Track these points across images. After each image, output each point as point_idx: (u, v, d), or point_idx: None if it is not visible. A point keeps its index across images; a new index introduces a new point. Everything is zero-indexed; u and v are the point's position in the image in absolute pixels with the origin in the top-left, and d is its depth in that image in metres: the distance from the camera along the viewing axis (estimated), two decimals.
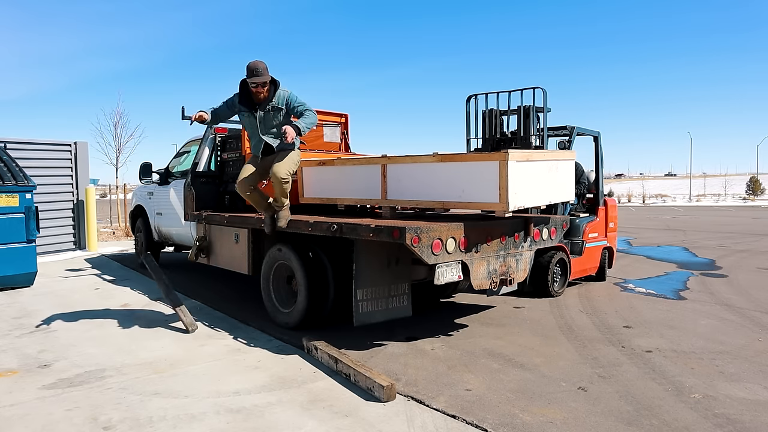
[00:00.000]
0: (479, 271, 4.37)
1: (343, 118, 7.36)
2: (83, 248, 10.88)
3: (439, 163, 4.42)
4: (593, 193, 7.28)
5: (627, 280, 7.72)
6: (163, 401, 3.36)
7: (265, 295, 5.31)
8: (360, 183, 5.05)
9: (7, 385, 3.64)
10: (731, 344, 4.65)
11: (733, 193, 50.71)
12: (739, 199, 45.49)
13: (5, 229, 6.79)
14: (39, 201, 7.72)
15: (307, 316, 4.85)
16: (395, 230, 3.86)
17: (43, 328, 5.09)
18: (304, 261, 4.83)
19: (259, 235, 5.46)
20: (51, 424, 3.04)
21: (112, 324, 5.23)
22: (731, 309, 5.96)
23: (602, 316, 5.63)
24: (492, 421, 3.14)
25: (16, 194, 6.88)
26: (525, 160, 4.22)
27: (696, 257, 10.29)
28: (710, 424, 3.12)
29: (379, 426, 3.05)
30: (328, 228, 4.36)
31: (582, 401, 3.44)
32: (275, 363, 4.09)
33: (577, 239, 6.91)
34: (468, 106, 6.27)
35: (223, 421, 3.10)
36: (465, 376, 3.88)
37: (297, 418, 3.14)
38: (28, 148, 9.93)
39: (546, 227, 4.94)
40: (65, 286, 7.25)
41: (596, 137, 7.15)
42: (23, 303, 6.19)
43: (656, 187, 71.66)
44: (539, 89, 5.85)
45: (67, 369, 3.94)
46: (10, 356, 4.26)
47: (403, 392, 3.53)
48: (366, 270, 4.41)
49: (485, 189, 4.13)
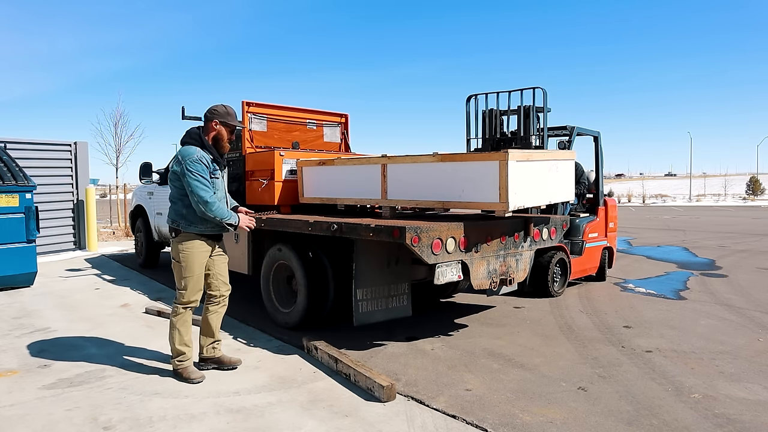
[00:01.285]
0: (479, 271, 4.37)
1: (343, 118, 7.36)
2: (83, 248, 10.88)
3: (439, 163, 4.41)
4: (593, 193, 7.28)
5: (627, 280, 7.72)
6: (163, 401, 3.36)
7: (265, 295, 5.31)
8: (360, 183, 5.05)
9: (7, 385, 3.64)
10: (731, 344, 4.65)
11: (733, 193, 50.70)
12: (739, 199, 45.48)
13: (5, 229, 6.79)
14: (39, 201, 7.73)
15: (307, 316, 4.85)
16: (395, 230, 3.86)
17: (43, 328, 5.09)
18: (304, 261, 4.83)
19: (259, 235, 5.46)
20: (51, 424, 3.04)
21: (112, 324, 5.23)
22: (731, 309, 5.96)
23: (602, 316, 5.63)
24: (492, 421, 3.14)
25: (16, 194, 6.88)
26: (525, 160, 4.22)
27: (696, 257, 10.29)
28: (710, 424, 3.12)
29: (379, 426, 3.05)
30: (328, 228, 4.36)
31: (582, 401, 3.44)
32: (275, 363, 4.09)
33: (577, 239, 6.91)
34: (468, 106, 6.27)
35: (223, 421, 3.09)
36: (465, 376, 3.88)
37: (297, 418, 3.14)
38: (28, 148, 9.93)
39: (546, 227, 4.94)
40: (65, 286, 7.25)
41: (596, 137, 7.15)
42: (23, 303, 6.19)
43: (656, 187, 71.66)
44: (539, 89, 5.85)
45: (67, 369, 3.94)
46: (10, 356, 4.26)
47: (403, 392, 3.53)
48: (366, 270, 4.41)
49: (485, 189, 4.13)
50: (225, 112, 3.83)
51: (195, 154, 3.63)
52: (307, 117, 6.94)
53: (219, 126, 3.80)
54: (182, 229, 3.71)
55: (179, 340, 3.74)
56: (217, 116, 3.79)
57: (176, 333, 3.74)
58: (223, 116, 3.80)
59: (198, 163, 3.61)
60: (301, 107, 6.90)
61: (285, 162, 5.66)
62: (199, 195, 3.56)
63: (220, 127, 3.81)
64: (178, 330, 3.74)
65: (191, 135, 3.78)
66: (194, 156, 3.62)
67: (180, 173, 3.61)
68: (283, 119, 6.69)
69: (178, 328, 3.74)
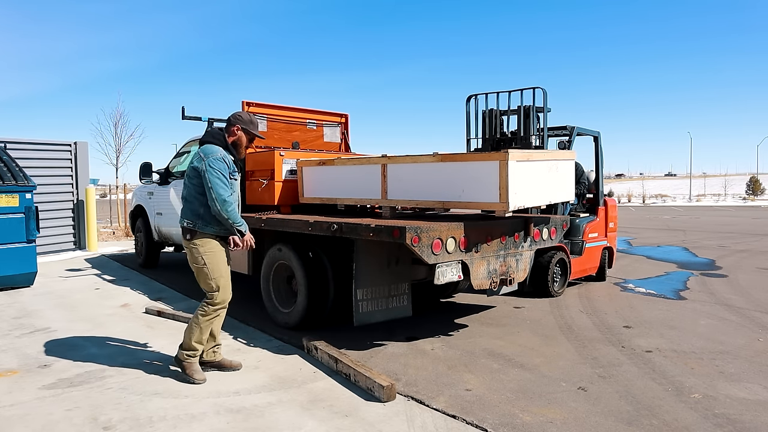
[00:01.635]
0: (479, 271, 4.37)
1: (343, 118, 7.36)
2: (83, 248, 10.88)
3: (439, 163, 4.42)
4: (593, 193, 7.28)
5: (627, 280, 7.72)
6: (163, 401, 3.36)
7: (265, 295, 5.31)
8: (360, 183, 5.05)
9: (7, 385, 3.64)
10: (731, 344, 4.65)
11: (733, 193, 50.71)
12: (739, 199, 45.49)
13: (5, 229, 6.79)
14: (39, 201, 7.72)
15: (307, 316, 4.85)
16: (395, 230, 3.86)
17: (43, 328, 5.09)
18: (304, 261, 4.83)
19: (259, 235, 5.46)
20: (51, 424, 3.04)
21: (112, 324, 5.23)
22: (731, 309, 5.96)
23: (602, 316, 5.63)
24: (492, 421, 3.14)
25: (16, 194, 6.88)
26: (525, 160, 4.22)
27: (696, 257, 10.29)
28: (710, 424, 3.12)
29: (379, 426, 3.05)
30: (328, 228, 4.36)
31: (582, 401, 3.44)
32: (275, 363, 4.09)
33: (577, 239, 6.91)
34: (468, 106, 6.27)
35: (223, 421, 3.09)
36: (465, 376, 3.88)
37: (297, 418, 3.14)
38: (28, 148, 9.93)
39: (546, 227, 4.94)
40: (65, 286, 7.25)
41: (596, 137, 7.16)
42: (23, 303, 6.19)
43: (656, 187, 71.67)
44: (539, 89, 5.85)
45: (67, 369, 3.94)
46: (10, 356, 4.26)
47: (403, 392, 3.53)
48: (366, 270, 4.41)
49: (485, 189, 4.13)
50: (249, 120, 3.86)
51: (218, 153, 3.66)
52: (307, 117, 6.94)
53: (240, 132, 3.82)
54: (199, 230, 3.66)
55: (197, 337, 3.70)
56: (240, 122, 3.82)
57: (197, 330, 3.69)
58: (246, 123, 3.83)
59: (221, 162, 3.62)
60: (301, 107, 6.90)
61: (285, 162, 5.66)
62: (218, 192, 3.55)
63: (241, 133, 3.83)
64: (200, 328, 3.70)
65: (214, 135, 3.80)
66: (218, 154, 3.64)
67: (201, 170, 3.60)
68: (283, 119, 6.70)
69: (201, 326, 3.69)
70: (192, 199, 3.70)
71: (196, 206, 3.68)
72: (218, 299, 3.70)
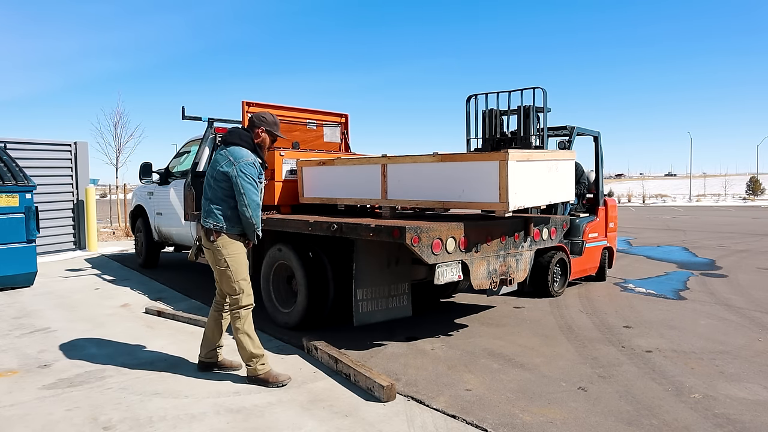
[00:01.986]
0: (479, 271, 4.37)
1: (343, 118, 7.36)
2: (83, 248, 10.88)
3: (439, 163, 4.42)
4: (593, 193, 7.28)
5: (627, 280, 7.72)
6: (163, 401, 3.36)
7: (265, 295, 5.31)
8: (360, 183, 5.05)
9: (7, 385, 3.64)
10: (731, 344, 4.65)
11: (733, 193, 50.69)
12: (739, 199, 45.48)
13: (5, 229, 6.79)
14: (39, 201, 7.72)
15: (307, 316, 4.85)
16: (395, 230, 3.86)
17: (43, 328, 5.09)
18: (304, 261, 4.83)
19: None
20: (51, 424, 3.04)
21: (112, 324, 5.23)
22: (731, 309, 5.96)
23: (602, 316, 5.63)
24: (492, 421, 3.14)
25: (16, 194, 6.88)
26: (525, 160, 4.22)
27: (696, 257, 10.29)
28: (710, 424, 3.12)
29: (379, 426, 3.05)
30: (328, 228, 4.36)
31: (582, 401, 3.44)
32: (275, 363, 4.08)
33: (577, 239, 6.91)
34: (468, 106, 6.27)
35: (223, 421, 3.09)
36: (465, 376, 3.88)
37: (297, 418, 3.14)
38: (28, 148, 9.93)
39: (546, 227, 4.94)
40: (65, 286, 7.25)
41: (596, 137, 7.16)
42: (23, 303, 6.19)
43: (656, 187, 71.66)
44: (539, 89, 5.85)
45: (67, 369, 3.94)
46: (10, 356, 4.26)
47: (403, 392, 3.53)
48: (366, 270, 4.41)
49: (485, 189, 4.13)
50: (273, 121, 3.84)
51: (248, 157, 3.62)
52: (307, 117, 6.94)
53: (264, 134, 3.80)
54: (226, 232, 3.64)
55: (253, 343, 3.63)
56: (264, 124, 3.80)
57: (246, 338, 3.62)
58: (270, 125, 3.81)
59: (252, 166, 3.60)
60: (301, 107, 6.90)
61: (285, 162, 5.66)
62: (251, 198, 3.55)
63: (265, 135, 3.81)
64: (246, 334, 3.63)
65: (242, 137, 3.74)
66: (248, 159, 3.61)
67: (232, 174, 3.56)
68: (283, 119, 6.69)
69: (246, 331, 3.63)
70: (220, 202, 3.64)
71: (224, 209, 3.64)
72: (244, 301, 3.66)
